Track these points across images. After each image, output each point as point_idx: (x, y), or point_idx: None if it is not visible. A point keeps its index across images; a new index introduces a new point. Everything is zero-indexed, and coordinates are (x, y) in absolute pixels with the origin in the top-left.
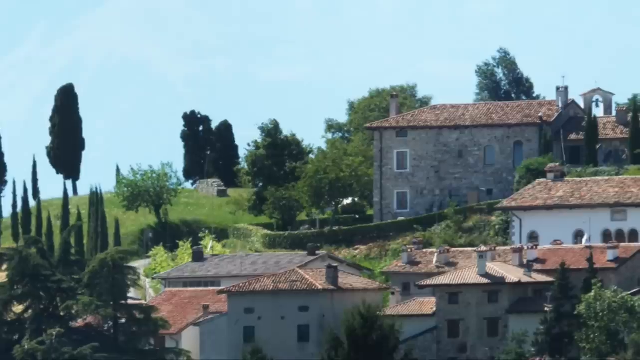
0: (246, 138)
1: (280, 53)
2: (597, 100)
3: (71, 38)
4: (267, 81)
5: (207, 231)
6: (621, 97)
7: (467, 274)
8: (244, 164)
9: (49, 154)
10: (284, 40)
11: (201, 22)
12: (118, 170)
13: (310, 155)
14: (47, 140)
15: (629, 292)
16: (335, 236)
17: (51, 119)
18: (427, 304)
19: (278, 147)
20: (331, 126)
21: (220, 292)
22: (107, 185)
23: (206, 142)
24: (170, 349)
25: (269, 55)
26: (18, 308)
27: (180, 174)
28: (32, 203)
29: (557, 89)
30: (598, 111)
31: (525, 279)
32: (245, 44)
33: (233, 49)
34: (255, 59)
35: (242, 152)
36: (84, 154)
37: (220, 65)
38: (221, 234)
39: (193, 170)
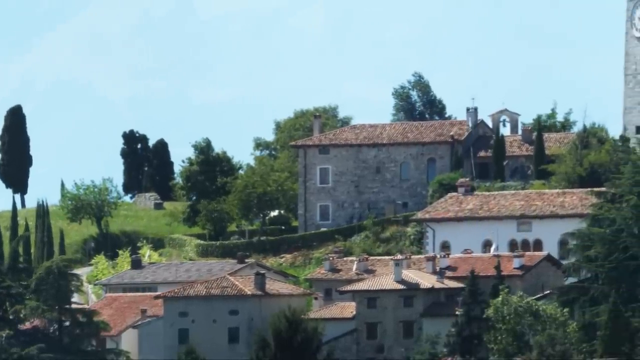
0: (181, 155)
1: (213, 76)
2: (504, 120)
3: (22, 61)
4: (200, 102)
5: (144, 241)
6: (526, 118)
7: (385, 280)
8: (178, 179)
9: None
10: (216, 64)
11: (141, 47)
12: (63, 184)
13: (240, 171)
14: None
15: (534, 297)
16: (263, 246)
17: (1, 138)
18: (348, 308)
19: (210, 163)
20: (259, 144)
21: (157, 297)
22: (53, 199)
23: (144, 159)
24: (110, 349)
25: (202, 78)
26: None
27: (120, 189)
28: None
29: (467, 110)
30: (505, 130)
31: (438, 285)
32: (181, 67)
33: (169, 72)
34: (189, 81)
35: (177, 168)
36: (32, 169)
37: (157, 87)
38: (158, 244)
39: (132, 185)
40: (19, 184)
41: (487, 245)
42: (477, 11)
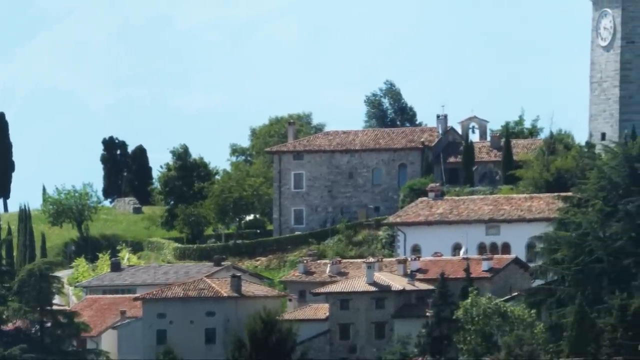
0: (159, 161)
1: (191, 84)
2: (473, 127)
3: (4, 69)
4: (178, 110)
5: (123, 244)
6: (495, 124)
7: (357, 282)
8: (157, 184)
9: None
10: (193, 72)
11: (120, 55)
12: (44, 189)
13: (217, 177)
14: None
15: (502, 299)
16: (239, 249)
17: None
18: (321, 310)
19: (187, 169)
20: (235, 150)
21: (136, 299)
22: (35, 203)
23: (123, 165)
24: (90, 349)
25: (180, 86)
26: None
27: (100, 193)
28: None
29: (438, 117)
30: (474, 137)
31: (409, 287)
32: (159, 75)
33: (148, 81)
34: (167, 89)
35: (155, 173)
36: (14, 175)
37: (136, 95)
38: (136, 247)
39: (111, 190)
40: (1, 189)
41: (456, 248)
42: (446, 22)
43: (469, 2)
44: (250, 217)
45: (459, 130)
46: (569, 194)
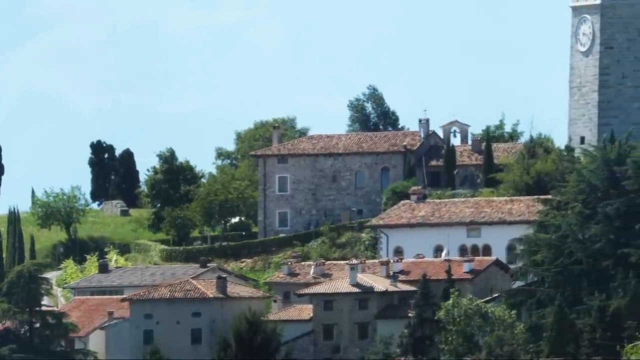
0: (146, 164)
1: (177, 89)
2: (454, 131)
3: None
4: (164, 114)
5: (111, 246)
6: (476, 128)
7: (340, 284)
8: (144, 187)
9: None
10: (180, 77)
11: (108, 61)
12: (33, 192)
13: (202, 180)
14: None
15: (483, 300)
16: (224, 251)
17: None
18: (305, 310)
19: (174, 172)
20: (221, 154)
21: (123, 299)
22: (24, 206)
23: (110, 168)
24: (79, 349)
25: (166, 91)
26: None
27: (88, 196)
28: None
29: (420, 121)
30: (455, 141)
31: (391, 289)
32: (146, 81)
33: (135, 86)
34: (154, 94)
35: (142, 176)
36: (3, 178)
37: (123, 99)
38: (124, 249)
39: (99, 193)
40: None
41: (438, 250)
42: (428, 27)
43: (450, 8)
44: (235, 220)
45: (441, 134)
46: (549, 196)
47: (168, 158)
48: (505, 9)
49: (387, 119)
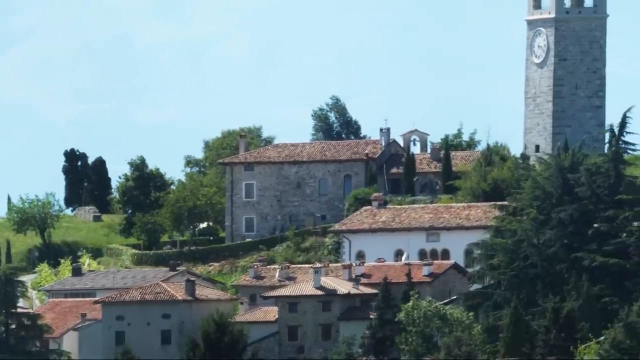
0: (117, 172)
1: (148, 99)
2: (414, 140)
3: None
4: (135, 123)
5: (84, 250)
6: (435, 137)
7: (305, 286)
8: (115, 194)
9: None
10: (150, 88)
11: (82, 71)
12: (9, 199)
13: (172, 186)
14: None
15: (442, 302)
16: (193, 255)
17: None
18: (271, 312)
19: (144, 179)
20: (189, 162)
21: (96, 302)
22: (0, 212)
23: (83, 175)
24: (53, 350)
25: (138, 101)
26: None
27: (62, 202)
28: None
29: (381, 130)
30: (415, 149)
31: (354, 291)
32: (118, 91)
33: (107, 96)
34: (126, 104)
35: (114, 183)
36: None
37: (96, 109)
38: (96, 253)
39: (72, 199)
40: None
41: (398, 254)
42: (389, 40)
43: (410, 23)
44: (203, 225)
45: (401, 143)
46: (505, 203)
47: (139, 166)
48: (464, 24)
49: (350, 128)
